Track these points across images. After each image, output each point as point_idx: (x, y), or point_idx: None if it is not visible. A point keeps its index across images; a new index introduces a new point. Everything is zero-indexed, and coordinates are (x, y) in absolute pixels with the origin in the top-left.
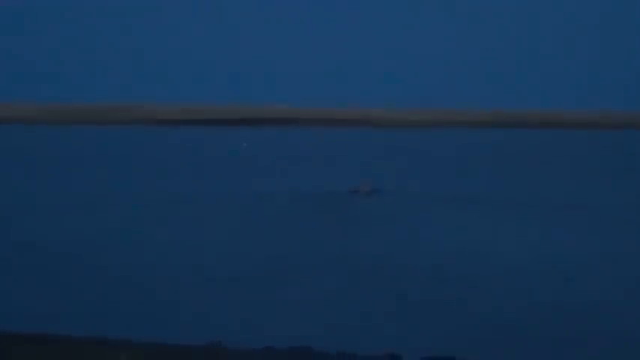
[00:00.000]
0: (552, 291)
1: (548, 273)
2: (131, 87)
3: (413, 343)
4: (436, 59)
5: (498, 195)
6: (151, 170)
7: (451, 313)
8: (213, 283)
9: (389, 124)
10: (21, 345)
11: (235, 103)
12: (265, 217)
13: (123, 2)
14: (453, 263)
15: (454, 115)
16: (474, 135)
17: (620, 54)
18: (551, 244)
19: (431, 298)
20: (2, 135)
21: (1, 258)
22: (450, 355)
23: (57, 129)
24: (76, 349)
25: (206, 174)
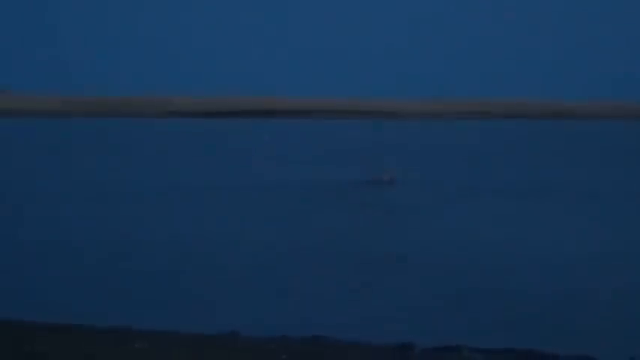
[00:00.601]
0: (571, 280)
1: (567, 262)
2: (150, 80)
3: (428, 334)
4: (449, 51)
5: (515, 184)
6: (168, 161)
7: (466, 303)
8: (229, 272)
9: (402, 116)
10: (41, 334)
11: (250, 95)
12: (282, 207)
13: None
14: (470, 253)
15: (466, 106)
16: (487, 126)
17: (632, 45)
18: (569, 232)
19: (449, 288)
20: (29, 128)
21: (26, 248)
22: (459, 344)
23: (79, 121)
24: (92, 337)
25: (222, 165)
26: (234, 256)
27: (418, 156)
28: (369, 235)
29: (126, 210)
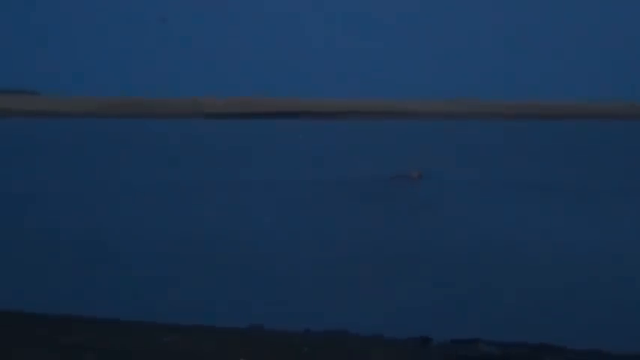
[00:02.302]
0: (582, 276)
1: (579, 258)
2: (181, 81)
3: (445, 328)
4: (469, 52)
5: (530, 183)
6: (203, 161)
7: (481, 298)
8: (254, 267)
9: (426, 116)
10: (74, 326)
11: (283, 97)
12: (309, 204)
13: None
14: (485, 249)
15: (487, 106)
16: (508, 125)
17: None
18: (582, 229)
19: (465, 284)
20: (65, 129)
21: (61, 244)
22: (475, 338)
23: (114, 122)
24: (125, 331)
25: (253, 164)
26: (260, 250)
27: (438, 154)
28: (391, 231)
29: (158, 207)
